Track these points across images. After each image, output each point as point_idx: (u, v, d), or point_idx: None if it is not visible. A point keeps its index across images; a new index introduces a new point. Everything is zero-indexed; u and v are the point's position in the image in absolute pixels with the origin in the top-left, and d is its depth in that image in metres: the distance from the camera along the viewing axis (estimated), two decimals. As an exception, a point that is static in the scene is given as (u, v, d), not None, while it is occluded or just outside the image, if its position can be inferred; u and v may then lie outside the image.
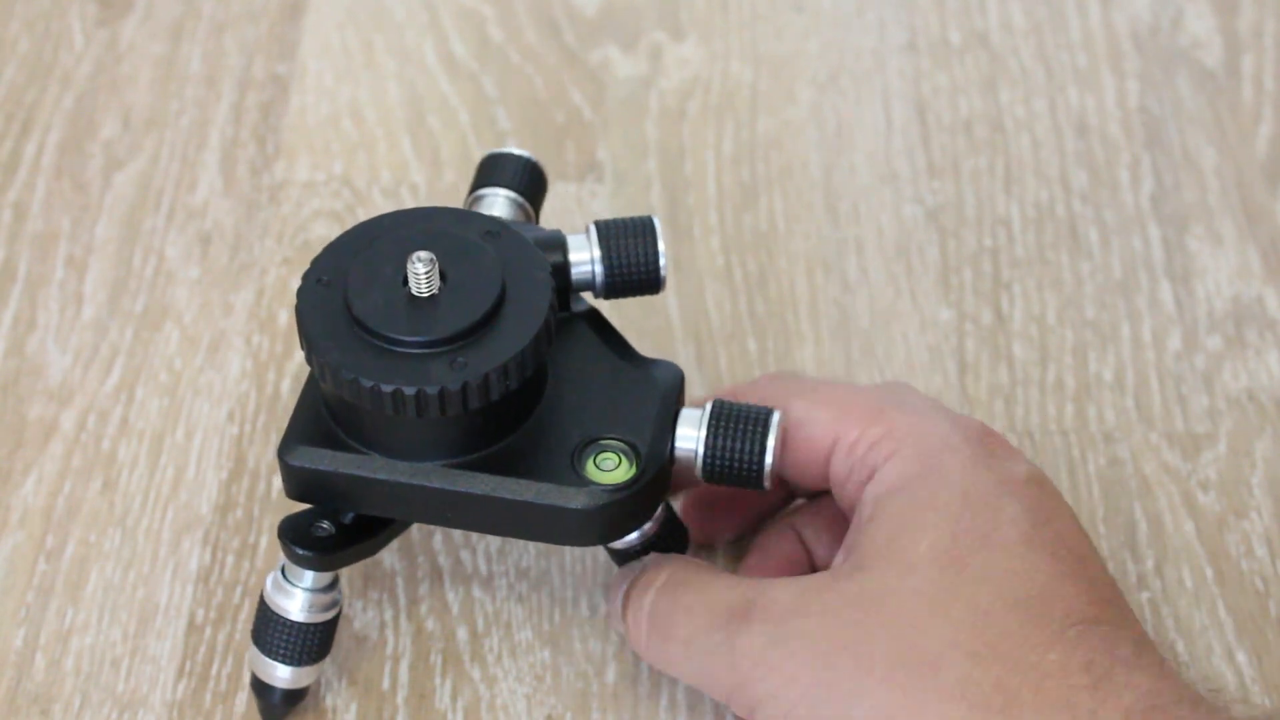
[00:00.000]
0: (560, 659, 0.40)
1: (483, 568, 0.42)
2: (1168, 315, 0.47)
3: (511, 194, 0.39)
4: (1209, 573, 0.42)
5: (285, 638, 0.37)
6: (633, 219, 0.37)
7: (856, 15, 0.55)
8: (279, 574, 0.37)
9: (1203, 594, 0.41)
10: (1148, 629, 0.41)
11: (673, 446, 0.36)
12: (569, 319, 0.37)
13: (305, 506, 0.37)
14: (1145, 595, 0.41)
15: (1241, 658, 0.40)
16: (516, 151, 0.40)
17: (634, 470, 0.35)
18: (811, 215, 0.49)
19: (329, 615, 0.37)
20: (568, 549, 0.42)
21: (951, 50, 0.54)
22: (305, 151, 0.51)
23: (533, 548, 0.42)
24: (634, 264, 0.37)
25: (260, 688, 0.38)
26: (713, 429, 0.35)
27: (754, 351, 0.46)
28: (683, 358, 0.46)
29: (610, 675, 0.40)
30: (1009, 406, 0.45)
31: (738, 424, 0.35)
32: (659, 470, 0.35)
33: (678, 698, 0.40)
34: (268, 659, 0.37)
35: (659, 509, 0.37)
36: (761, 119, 0.52)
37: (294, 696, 0.38)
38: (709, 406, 0.36)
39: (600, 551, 0.42)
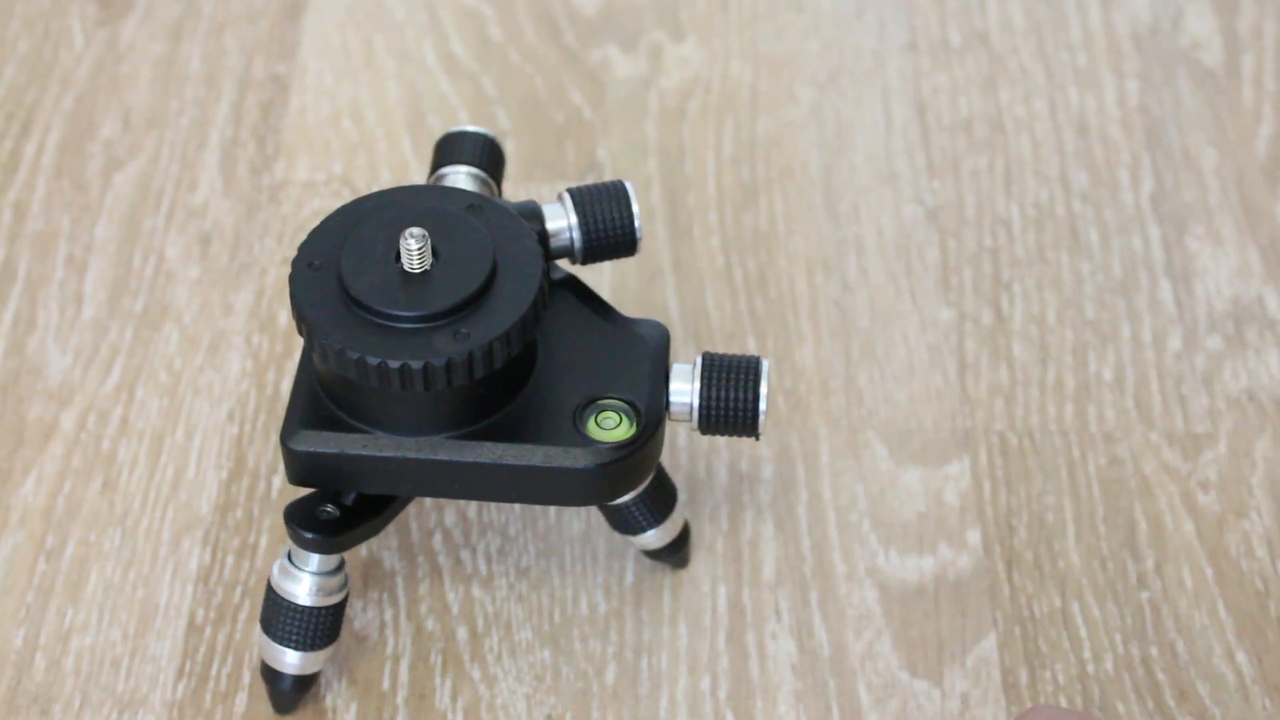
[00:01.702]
0: (560, 659, 0.40)
1: (483, 568, 0.42)
2: (1168, 315, 0.47)
3: (474, 170, 0.40)
4: (1209, 572, 0.42)
5: (294, 623, 0.37)
6: (604, 184, 0.38)
7: (856, 15, 0.55)
8: (285, 560, 0.37)
9: (1203, 594, 0.41)
10: (1147, 629, 0.41)
11: (668, 401, 0.36)
12: (550, 286, 0.38)
13: (307, 492, 0.37)
14: (1145, 595, 0.41)
15: (1241, 658, 0.40)
16: (474, 129, 0.41)
17: (636, 427, 0.36)
18: (811, 215, 0.49)
19: (337, 599, 0.37)
20: (567, 550, 0.42)
21: (951, 50, 0.54)
22: (305, 151, 0.51)
23: (533, 547, 0.42)
24: (610, 227, 0.38)
25: (270, 675, 0.38)
26: (706, 380, 0.36)
27: (754, 351, 0.46)
28: (683, 358, 0.46)
29: (610, 675, 0.40)
30: (1009, 406, 0.45)
31: (730, 374, 0.36)
32: (659, 424, 0.36)
33: (677, 698, 0.40)
34: (277, 645, 0.37)
35: None
36: (761, 119, 0.52)
37: (304, 683, 0.38)
38: (699, 360, 0.37)
39: (600, 549, 0.42)
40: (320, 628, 0.37)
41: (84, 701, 0.39)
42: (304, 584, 0.37)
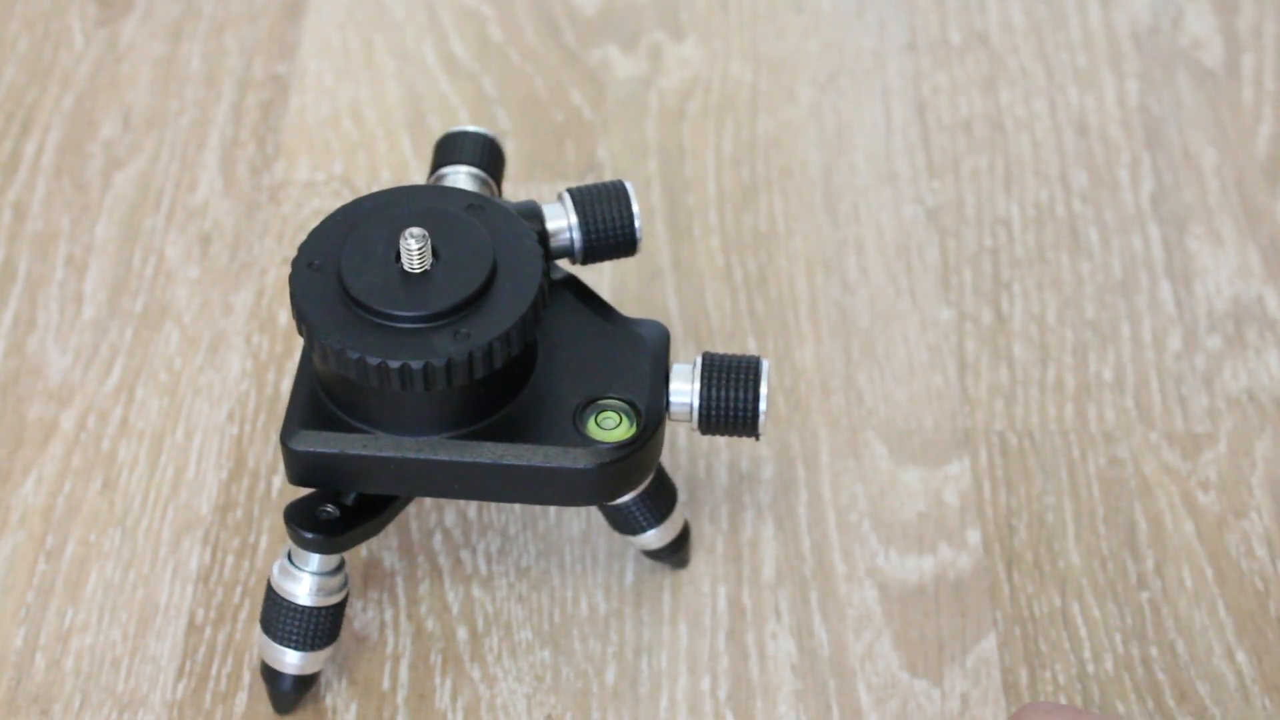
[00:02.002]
0: (560, 659, 0.40)
1: (483, 568, 0.42)
2: (1168, 315, 0.47)
3: (474, 170, 0.40)
4: (1209, 573, 0.42)
5: (294, 623, 0.37)
6: (605, 184, 0.38)
7: (856, 15, 0.55)
8: (285, 560, 0.37)
9: (1202, 594, 0.41)
10: (1147, 629, 0.41)
11: (668, 401, 0.36)
12: (551, 287, 0.37)
13: (307, 492, 0.37)
14: (1145, 595, 0.41)
15: (1241, 657, 0.40)
16: (474, 129, 0.40)
17: (636, 427, 0.36)
18: (811, 215, 0.49)
19: (337, 599, 0.37)
20: (567, 550, 0.42)
21: (951, 50, 0.54)
22: (305, 151, 0.51)
23: (533, 547, 0.42)
24: (610, 227, 0.38)
25: (270, 675, 0.38)
26: (706, 381, 0.36)
27: (754, 351, 0.46)
28: (683, 358, 0.46)
29: (610, 675, 0.40)
30: (1009, 406, 0.45)
31: (730, 374, 0.36)
32: (659, 424, 0.36)
33: (677, 698, 0.40)
34: (277, 645, 0.37)
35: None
36: (761, 119, 0.52)
37: (304, 683, 0.38)
38: (700, 360, 0.37)
39: (600, 550, 0.42)
40: (320, 628, 0.37)
41: (84, 701, 0.39)
42: (304, 584, 0.37)
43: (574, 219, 0.38)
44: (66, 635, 0.40)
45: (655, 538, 0.40)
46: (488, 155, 0.40)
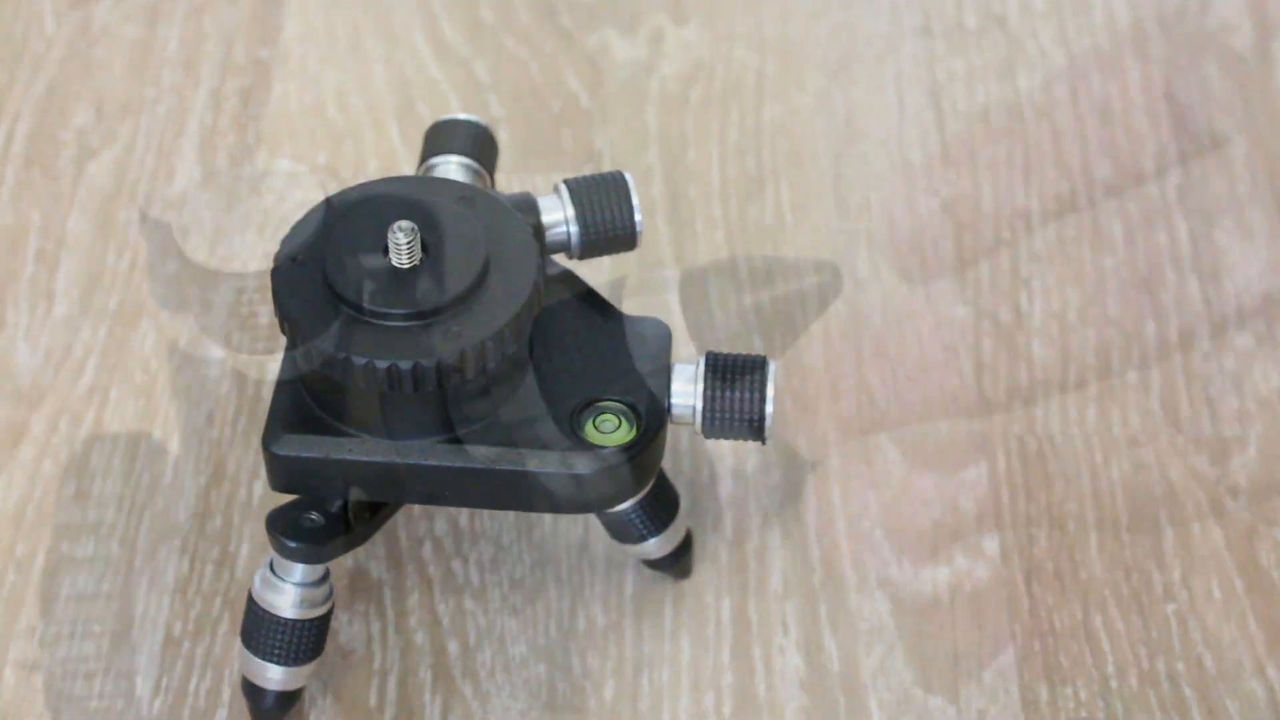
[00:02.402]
0: (556, 674, 0.39)
1: (475, 578, 0.41)
2: (1195, 313, 0.46)
3: (466, 160, 0.39)
4: (1238, 583, 0.41)
5: (277, 637, 0.37)
6: (603, 175, 0.38)
7: (866, -3, 0.55)
8: (267, 570, 0.37)
9: (1232, 606, 0.41)
10: (1173, 642, 0.40)
11: (669, 403, 0.36)
12: (546, 283, 0.37)
13: (290, 499, 0.36)
14: (1171, 607, 0.41)
15: (1273, 673, 0.39)
16: (465, 117, 0.40)
17: (635, 430, 0.35)
18: (820, 207, 0.49)
19: (322, 611, 0.37)
20: (563, 560, 0.41)
21: (967, 34, 0.53)
22: (288, 140, 0.50)
23: (527, 557, 0.41)
24: (609, 220, 0.37)
25: (251, 691, 0.38)
26: (710, 381, 0.36)
27: (760, 351, 0.45)
28: (685, 358, 0.45)
29: (609, 691, 0.39)
30: (1028, 408, 0.44)
31: (735, 374, 0.36)
32: (660, 428, 0.35)
33: (680, 715, 0.39)
34: (259, 660, 0.37)
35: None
36: (768, 106, 0.51)
37: (288, 699, 0.38)
38: (703, 360, 0.36)
39: (598, 559, 0.41)
40: (304, 641, 0.37)
41: (55, 719, 0.39)
42: (287, 595, 0.36)
43: (571, 212, 0.37)
44: (37, 649, 0.40)
45: (656, 547, 0.39)
46: (480, 145, 0.40)
